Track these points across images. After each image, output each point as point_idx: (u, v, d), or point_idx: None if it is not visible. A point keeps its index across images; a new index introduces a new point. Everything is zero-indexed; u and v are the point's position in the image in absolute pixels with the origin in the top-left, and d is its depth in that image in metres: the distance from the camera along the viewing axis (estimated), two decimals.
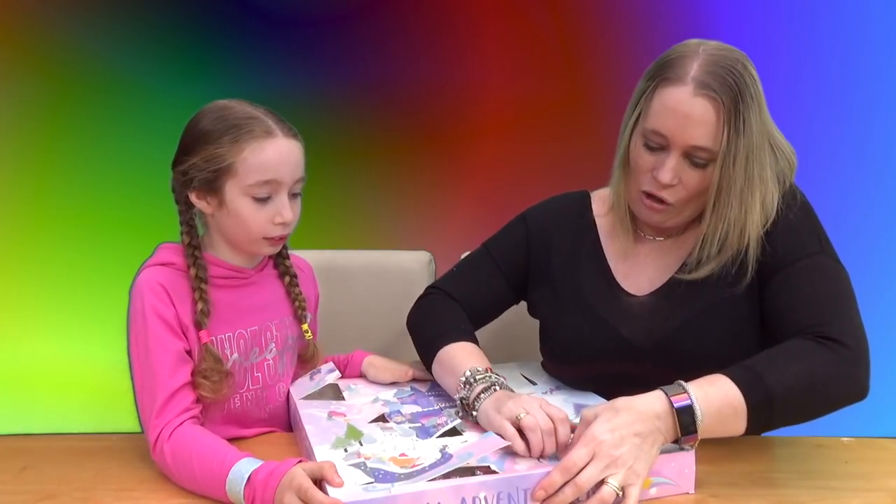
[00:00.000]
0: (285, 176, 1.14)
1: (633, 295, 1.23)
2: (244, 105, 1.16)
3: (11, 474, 1.09)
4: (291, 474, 0.93)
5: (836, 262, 1.14)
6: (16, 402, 2.08)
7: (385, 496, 0.90)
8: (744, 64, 1.10)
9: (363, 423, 1.12)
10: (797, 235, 1.14)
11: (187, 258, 1.16)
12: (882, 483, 1.06)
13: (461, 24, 2.11)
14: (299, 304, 1.27)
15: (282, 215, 1.14)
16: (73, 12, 2.06)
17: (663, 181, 1.11)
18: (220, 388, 1.13)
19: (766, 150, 1.12)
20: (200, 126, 1.14)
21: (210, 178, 1.13)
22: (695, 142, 1.09)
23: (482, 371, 1.12)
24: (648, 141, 1.13)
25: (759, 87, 1.10)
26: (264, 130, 1.13)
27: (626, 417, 0.95)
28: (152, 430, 1.07)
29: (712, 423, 0.97)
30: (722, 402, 0.98)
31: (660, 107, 1.10)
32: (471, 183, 2.15)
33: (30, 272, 2.10)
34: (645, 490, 0.98)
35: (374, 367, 1.32)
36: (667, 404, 0.97)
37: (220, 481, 0.98)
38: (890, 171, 2.07)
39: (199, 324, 1.13)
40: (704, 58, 1.09)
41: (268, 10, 2.10)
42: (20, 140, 2.09)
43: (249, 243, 1.18)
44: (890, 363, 1.99)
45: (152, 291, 1.12)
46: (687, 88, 1.08)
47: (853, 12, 2.06)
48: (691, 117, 1.08)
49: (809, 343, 1.04)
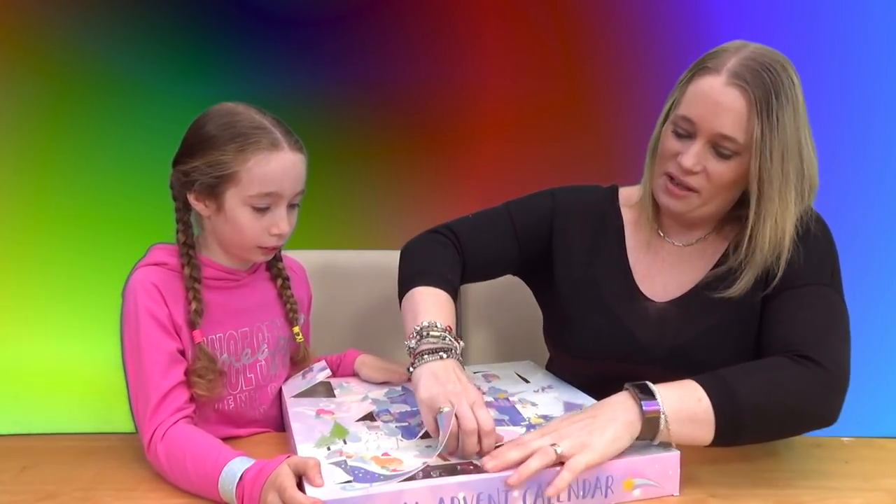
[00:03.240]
0: (287, 189, 1.14)
1: (652, 300, 1.23)
2: (252, 112, 1.16)
3: (11, 474, 1.10)
4: (276, 472, 0.94)
5: (840, 300, 1.14)
6: (16, 402, 2.08)
7: (362, 495, 0.90)
8: (783, 66, 1.10)
9: (350, 421, 1.13)
10: (816, 261, 1.15)
11: (182, 257, 1.16)
12: (882, 483, 1.06)
13: (461, 25, 2.11)
14: (291, 306, 1.28)
15: (278, 227, 1.15)
16: (73, 12, 2.05)
17: (685, 165, 1.12)
18: (215, 387, 1.14)
19: (798, 157, 1.11)
20: (206, 129, 1.14)
21: (212, 182, 1.13)
22: (721, 130, 1.09)
23: (439, 329, 1.09)
24: (677, 127, 1.14)
25: (798, 92, 1.10)
26: (271, 143, 1.12)
27: (587, 412, 0.99)
28: (146, 431, 1.07)
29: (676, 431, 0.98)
30: (691, 412, 0.98)
31: (692, 94, 1.12)
32: (471, 183, 2.15)
33: (30, 272, 2.10)
34: (628, 492, 0.99)
35: (367, 367, 1.33)
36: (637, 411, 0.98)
37: (213, 480, 0.98)
38: (890, 171, 2.07)
39: (193, 323, 1.13)
40: (745, 53, 1.11)
41: (268, 10, 2.10)
42: (20, 140, 2.09)
43: (243, 250, 1.18)
44: (890, 363, 1.99)
45: (145, 291, 1.12)
46: (720, 78, 1.10)
47: (853, 12, 2.06)
48: (721, 105, 1.09)
49: (786, 360, 1.04)
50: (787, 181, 1.10)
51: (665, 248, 1.26)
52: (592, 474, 0.97)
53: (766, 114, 1.07)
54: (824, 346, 1.05)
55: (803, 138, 1.12)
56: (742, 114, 1.08)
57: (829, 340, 1.07)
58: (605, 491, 0.98)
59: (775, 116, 1.07)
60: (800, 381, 1.02)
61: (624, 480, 0.99)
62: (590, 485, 0.97)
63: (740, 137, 1.10)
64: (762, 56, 1.11)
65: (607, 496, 0.98)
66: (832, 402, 1.03)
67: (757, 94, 1.08)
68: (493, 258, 1.31)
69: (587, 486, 0.97)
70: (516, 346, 1.54)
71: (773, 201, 1.11)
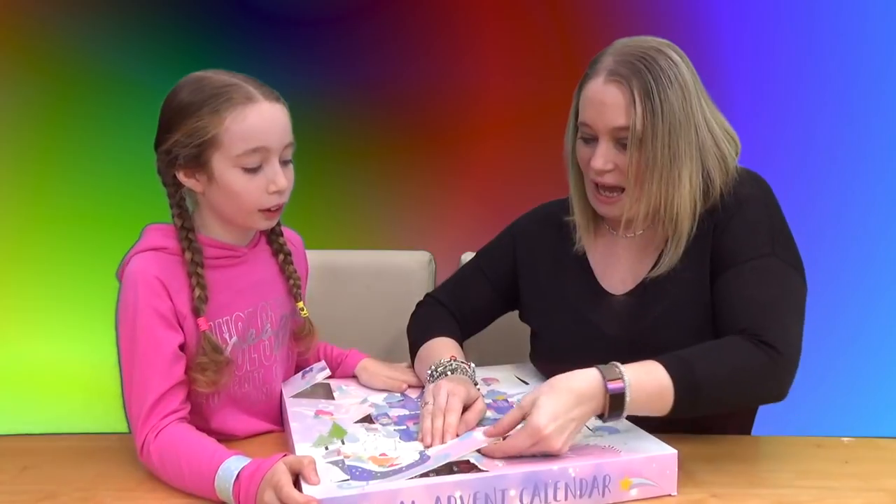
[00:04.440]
0: (273, 142, 1.10)
1: (613, 294, 1.27)
2: (220, 74, 1.12)
3: (11, 474, 1.09)
4: (273, 471, 0.93)
5: (787, 266, 1.16)
6: (16, 402, 2.08)
7: (358, 494, 0.90)
8: (658, 49, 1.17)
9: (349, 422, 1.13)
10: (752, 233, 1.17)
11: (181, 241, 1.12)
12: (882, 483, 1.06)
13: (461, 25, 2.11)
14: (294, 281, 1.25)
15: (275, 183, 1.10)
16: (73, 12, 2.06)
17: (596, 166, 1.17)
18: (217, 380, 1.11)
19: (695, 131, 1.16)
20: (178, 100, 1.10)
21: (195, 153, 1.09)
22: (613, 123, 1.15)
23: (445, 361, 1.20)
24: (583, 134, 1.21)
25: (681, 70, 1.16)
26: (244, 96, 1.09)
27: (565, 401, 0.99)
28: (140, 433, 1.06)
29: (638, 406, 1.02)
30: (652, 390, 1.02)
31: (583, 100, 1.19)
32: (471, 183, 2.15)
33: (30, 272, 2.10)
34: (625, 491, 0.99)
35: (368, 372, 1.31)
36: (602, 387, 1.00)
37: (209, 479, 0.98)
38: (890, 171, 2.07)
39: (198, 310, 1.10)
40: (619, 49, 1.17)
41: (268, 10, 2.10)
42: (20, 140, 2.09)
43: (245, 217, 1.13)
44: (890, 363, 1.99)
45: (147, 285, 1.08)
46: (600, 79, 1.16)
47: (853, 12, 2.06)
48: (605, 103, 1.15)
49: (746, 344, 1.08)
50: (675, 158, 1.15)
51: (619, 242, 1.29)
52: (589, 473, 0.97)
53: (647, 100, 1.13)
54: (777, 328, 1.09)
55: (698, 113, 1.16)
56: (624, 105, 1.14)
57: (780, 319, 1.11)
58: (602, 490, 0.98)
59: (658, 99, 1.13)
60: (753, 363, 1.07)
61: (621, 480, 0.98)
62: (586, 484, 0.97)
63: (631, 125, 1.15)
64: (635, 48, 1.16)
65: (604, 495, 0.98)
66: (783, 383, 1.09)
67: (636, 84, 1.13)
68: (478, 310, 1.40)
69: (584, 485, 0.97)
70: (513, 348, 1.53)
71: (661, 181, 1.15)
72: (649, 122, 1.13)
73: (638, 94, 1.13)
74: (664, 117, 1.13)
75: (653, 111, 1.13)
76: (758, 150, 1.27)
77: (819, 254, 2.04)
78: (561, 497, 0.96)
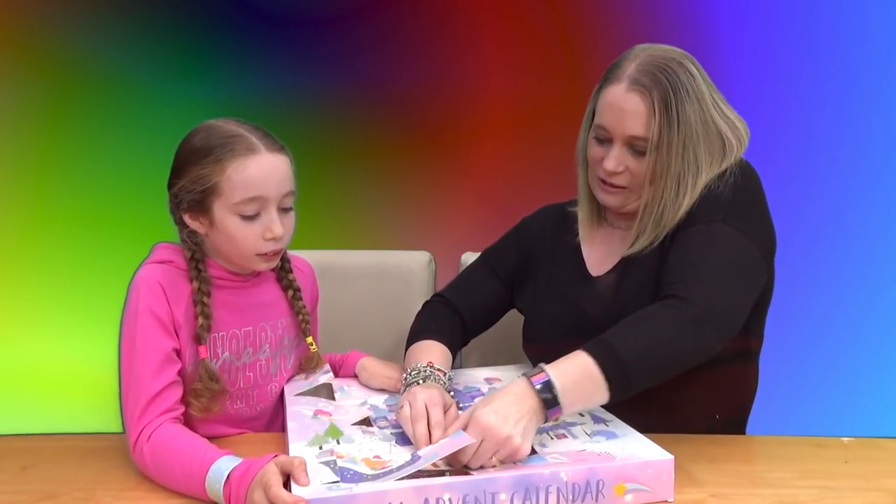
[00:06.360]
0: (271, 191, 1.14)
1: (596, 277, 1.31)
2: (230, 123, 1.17)
3: (11, 474, 1.10)
4: (263, 471, 0.94)
5: (736, 232, 1.16)
6: (16, 402, 2.08)
7: (347, 495, 0.90)
8: (679, 62, 1.20)
9: (346, 424, 1.13)
10: (708, 204, 1.18)
11: (190, 270, 1.16)
12: (882, 483, 1.06)
13: (461, 25, 2.11)
14: (303, 317, 1.28)
15: (271, 231, 1.14)
16: (73, 12, 2.05)
17: (608, 168, 1.22)
18: (211, 407, 1.15)
19: (706, 141, 1.19)
20: (189, 146, 1.16)
21: (198, 198, 1.14)
22: (631, 132, 1.19)
23: (421, 367, 1.19)
24: (598, 135, 1.24)
25: (699, 83, 1.20)
26: (246, 147, 1.13)
27: (501, 400, 1.00)
28: (133, 430, 1.07)
29: (574, 396, 1.01)
30: (579, 375, 1.02)
31: (602, 104, 1.23)
32: (471, 183, 2.15)
33: (30, 272, 2.10)
34: (619, 497, 0.98)
35: (367, 371, 1.32)
36: (528, 384, 1.01)
37: (200, 479, 0.98)
38: (890, 171, 2.07)
39: (199, 338, 1.14)
40: (642, 58, 1.21)
41: (268, 10, 2.10)
42: (20, 140, 2.09)
43: (243, 259, 1.18)
44: (890, 363, 1.99)
45: (149, 288, 1.13)
46: (622, 86, 1.19)
47: (853, 12, 2.06)
48: (625, 111, 1.19)
49: (656, 306, 1.09)
50: (688, 169, 1.18)
51: (615, 234, 1.33)
52: (582, 478, 0.97)
53: (665, 111, 1.17)
54: (689, 281, 1.09)
55: (710, 121, 1.19)
56: (645, 114, 1.18)
57: (696, 274, 1.11)
58: (595, 495, 0.97)
59: (675, 112, 1.17)
60: (668, 323, 1.06)
61: (615, 485, 0.98)
62: (579, 489, 0.96)
63: (648, 135, 1.19)
64: (658, 58, 1.20)
65: (598, 501, 0.97)
66: (702, 334, 1.06)
67: (657, 96, 1.17)
68: (487, 305, 1.41)
69: (576, 489, 0.96)
70: (515, 347, 1.53)
71: (672, 188, 1.19)
72: (665, 133, 1.17)
73: (658, 105, 1.17)
74: (680, 129, 1.17)
75: (669, 123, 1.17)
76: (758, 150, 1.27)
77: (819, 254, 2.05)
78: (553, 501, 0.95)
